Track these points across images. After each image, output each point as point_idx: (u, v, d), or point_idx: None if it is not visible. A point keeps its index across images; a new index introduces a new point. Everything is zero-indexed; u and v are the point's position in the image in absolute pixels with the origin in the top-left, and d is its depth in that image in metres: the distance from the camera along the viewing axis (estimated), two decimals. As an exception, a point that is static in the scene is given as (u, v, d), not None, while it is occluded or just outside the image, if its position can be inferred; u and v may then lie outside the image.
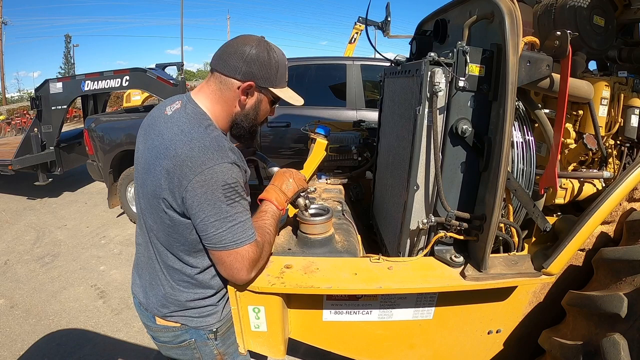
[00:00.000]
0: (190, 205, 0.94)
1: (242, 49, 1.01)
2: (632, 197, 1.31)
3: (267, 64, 1.03)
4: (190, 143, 0.95)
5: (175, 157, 0.94)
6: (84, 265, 3.57)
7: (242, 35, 1.06)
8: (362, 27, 8.45)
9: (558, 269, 1.17)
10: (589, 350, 1.05)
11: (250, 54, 1.01)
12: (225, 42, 1.07)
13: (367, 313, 1.24)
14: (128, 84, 4.54)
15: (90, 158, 4.50)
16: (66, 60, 37.00)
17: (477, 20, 1.17)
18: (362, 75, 4.01)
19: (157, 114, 1.08)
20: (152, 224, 1.06)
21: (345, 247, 1.31)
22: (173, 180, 0.95)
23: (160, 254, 1.08)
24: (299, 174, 1.29)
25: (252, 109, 1.09)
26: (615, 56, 1.79)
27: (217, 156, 0.94)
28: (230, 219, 0.95)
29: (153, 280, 1.12)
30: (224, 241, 0.96)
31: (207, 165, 0.92)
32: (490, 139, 1.10)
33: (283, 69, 1.09)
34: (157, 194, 0.99)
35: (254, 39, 1.04)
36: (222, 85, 1.04)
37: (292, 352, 2.13)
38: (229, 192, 0.95)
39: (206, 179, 0.92)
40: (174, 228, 1.02)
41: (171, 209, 0.98)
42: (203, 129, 0.99)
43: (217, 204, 0.94)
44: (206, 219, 0.94)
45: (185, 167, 0.93)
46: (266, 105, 1.12)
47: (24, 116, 12.96)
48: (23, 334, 2.59)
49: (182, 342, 1.16)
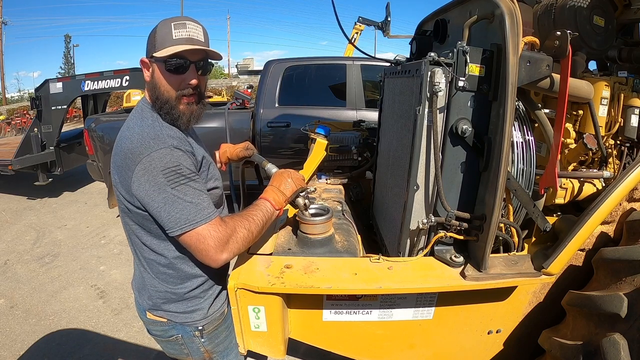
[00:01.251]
0: (139, 195, 0.98)
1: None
2: (632, 197, 1.31)
3: (151, 36, 1.05)
4: (131, 137, 1.00)
5: (121, 152, 1.00)
6: (84, 265, 3.57)
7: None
8: (362, 27, 8.43)
9: (558, 269, 1.17)
10: (589, 350, 1.05)
11: (149, 36, 1.06)
12: None
13: (367, 313, 1.24)
14: (128, 84, 4.55)
15: (90, 158, 4.50)
16: (66, 60, 37.01)
17: (477, 20, 1.17)
18: (362, 75, 4.02)
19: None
20: (122, 219, 1.13)
21: (345, 247, 1.31)
22: (122, 174, 1.00)
23: (135, 247, 1.13)
24: (297, 174, 1.28)
25: (151, 81, 1.08)
26: (615, 56, 1.78)
27: (153, 143, 0.97)
28: (178, 202, 0.95)
29: (138, 273, 1.18)
30: (178, 224, 0.96)
31: (145, 154, 0.95)
32: (490, 139, 1.10)
33: (164, 31, 1.02)
34: (115, 190, 1.07)
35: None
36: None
37: (292, 352, 2.13)
38: (171, 175, 0.95)
39: (146, 167, 0.95)
40: (136, 219, 1.07)
41: (126, 201, 1.04)
42: (145, 121, 1.04)
43: (162, 188, 0.95)
44: (156, 205, 0.96)
45: (127, 160, 0.97)
46: (160, 73, 1.04)
47: (24, 116, 12.97)
48: (23, 334, 2.60)
49: (170, 337, 1.19)
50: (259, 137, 3.86)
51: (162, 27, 1.03)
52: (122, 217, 1.12)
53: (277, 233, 1.41)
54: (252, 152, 1.51)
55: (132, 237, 1.12)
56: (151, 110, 1.07)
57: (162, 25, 1.03)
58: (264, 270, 1.16)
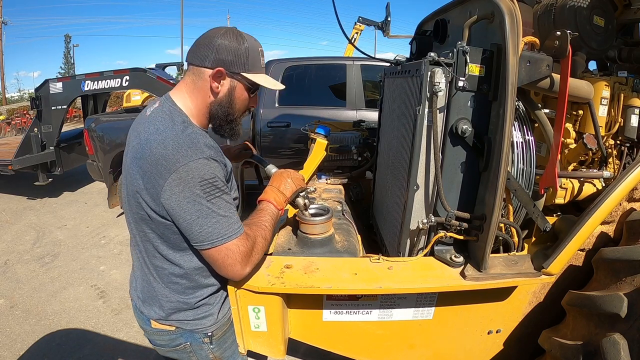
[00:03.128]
0: (169, 205, 0.93)
1: (210, 39, 1.02)
2: (632, 197, 1.31)
3: (237, 49, 1.02)
4: (164, 142, 0.94)
5: (150, 157, 0.93)
6: (84, 265, 3.57)
7: (213, 28, 1.07)
8: (362, 27, 8.43)
9: (558, 269, 1.16)
10: (589, 350, 1.05)
11: (218, 42, 1.01)
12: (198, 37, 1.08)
13: (367, 313, 1.24)
14: (128, 84, 4.55)
15: (90, 158, 4.50)
16: (66, 60, 36.99)
17: (477, 20, 1.17)
18: (362, 75, 4.02)
19: (140, 116, 1.09)
20: (135, 225, 1.06)
21: (345, 247, 1.31)
22: (150, 181, 0.94)
23: (147, 255, 1.07)
24: (297, 174, 1.28)
25: (225, 97, 1.07)
26: (615, 56, 1.79)
27: (191, 152, 0.93)
28: (212, 215, 0.94)
29: (145, 283, 1.11)
30: (210, 238, 0.94)
31: (182, 163, 0.91)
32: (490, 139, 1.10)
33: (255, 54, 1.06)
34: (136, 195, 0.98)
35: (222, 29, 1.05)
36: (195, 76, 1.04)
37: (292, 352, 2.13)
38: (207, 188, 0.93)
39: (182, 177, 0.91)
40: (156, 228, 1.01)
41: (149, 209, 0.97)
42: (177, 126, 0.98)
43: (197, 200, 0.92)
44: (188, 218, 0.93)
45: (160, 166, 0.92)
46: (242, 92, 1.08)
47: (24, 116, 12.95)
48: (23, 334, 2.60)
49: (177, 346, 1.15)
50: (259, 137, 3.86)
51: (252, 48, 1.05)
52: (136, 223, 1.05)
53: (277, 233, 1.41)
54: (251, 152, 1.51)
55: (146, 244, 1.06)
56: (181, 114, 1.02)
57: (252, 45, 1.05)
58: (263, 270, 1.16)
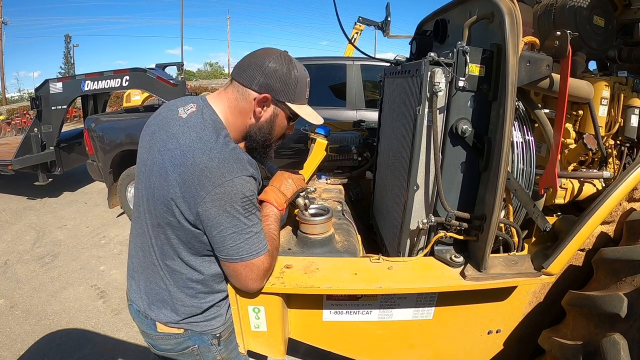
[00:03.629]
0: (206, 217, 0.93)
1: (261, 61, 1.01)
2: (632, 197, 1.30)
3: (286, 78, 1.02)
4: (210, 153, 0.93)
5: (194, 166, 0.92)
6: (84, 265, 3.57)
7: (265, 48, 1.06)
8: (362, 27, 8.43)
9: (558, 269, 1.16)
10: (589, 350, 1.05)
11: (269, 66, 1.00)
12: (248, 53, 1.07)
13: (367, 313, 1.24)
14: (128, 84, 4.54)
15: (90, 158, 4.50)
16: (66, 60, 37.01)
17: (477, 20, 1.17)
18: (362, 75, 4.02)
19: (169, 115, 1.05)
20: (154, 228, 1.03)
21: (345, 247, 1.31)
22: (189, 190, 0.92)
23: (164, 258, 1.05)
24: (297, 174, 1.28)
25: (266, 123, 1.08)
26: (615, 56, 1.78)
27: (236, 169, 0.93)
28: (247, 231, 0.96)
29: (155, 285, 1.09)
30: (240, 253, 0.96)
31: (227, 178, 0.91)
32: (490, 139, 1.10)
33: (303, 85, 1.07)
34: (168, 200, 0.96)
35: (275, 52, 1.04)
36: (239, 94, 1.03)
37: (292, 352, 2.13)
38: (247, 205, 0.95)
39: (226, 192, 0.91)
40: (183, 235, 1.00)
41: (182, 216, 0.96)
42: (221, 139, 0.97)
43: (236, 216, 0.93)
44: (224, 232, 0.94)
45: (203, 178, 0.91)
46: (282, 120, 1.10)
47: (24, 116, 12.94)
48: (23, 334, 2.59)
49: (184, 349, 1.13)
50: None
51: (301, 78, 1.06)
52: (157, 226, 1.02)
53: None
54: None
55: (165, 248, 1.03)
56: (223, 128, 1.01)
57: (301, 76, 1.06)
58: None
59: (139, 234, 1.10)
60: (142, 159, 1.07)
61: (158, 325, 1.11)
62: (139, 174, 1.09)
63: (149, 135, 1.07)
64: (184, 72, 5.22)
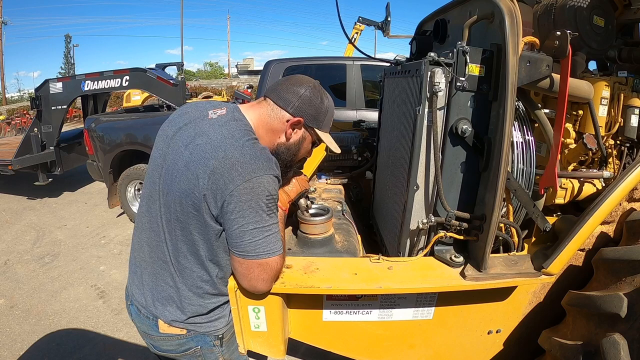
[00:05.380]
0: (231, 210, 0.93)
1: (298, 87, 1.10)
2: (632, 197, 1.31)
3: (319, 106, 1.11)
4: (242, 149, 0.96)
5: (225, 159, 0.94)
6: (84, 265, 3.57)
7: (299, 76, 1.17)
8: (362, 27, 8.43)
9: (558, 269, 1.16)
10: (589, 350, 1.05)
11: (305, 94, 1.09)
12: (281, 78, 1.15)
13: (367, 313, 1.24)
14: (128, 84, 4.55)
15: (90, 158, 4.50)
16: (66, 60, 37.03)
17: (477, 20, 1.17)
18: (362, 75, 4.02)
19: (197, 115, 1.07)
20: (174, 223, 1.02)
21: (345, 247, 1.31)
22: (218, 182, 0.93)
23: (177, 255, 1.04)
24: (301, 175, 1.29)
25: (294, 144, 1.14)
26: (615, 56, 1.78)
27: (267, 166, 0.96)
28: (267, 229, 0.97)
29: (162, 282, 1.07)
30: (257, 250, 0.96)
31: (257, 174, 0.93)
32: (490, 139, 1.10)
33: (330, 115, 1.16)
34: (193, 194, 0.95)
35: (310, 82, 1.13)
36: (273, 113, 1.09)
37: (292, 352, 2.13)
38: (270, 203, 0.96)
39: (254, 187, 0.93)
40: (203, 230, 1.00)
41: (206, 210, 0.96)
42: (252, 139, 1.01)
43: (259, 212, 0.95)
44: (245, 226, 0.94)
45: (234, 171, 0.93)
46: (308, 144, 1.18)
47: (24, 116, 12.93)
48: (23, 334, 2.60)
49: (187, 351, 1.13)
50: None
51: (330, 109, 1.16)
52: (175, 221, 1.01)
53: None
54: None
55: (180, 244, 1.02)
56: (253, 133, 1.05)
57: (330, 106, 1.16)
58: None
59: (147, 228, 1.09)
60: (162, 153, 1.07)
61: (160, 325, 1.09)
62: (154, 167, 1.08)
63: (173, 130, 1.07)
64: (184, 72, 5.22)
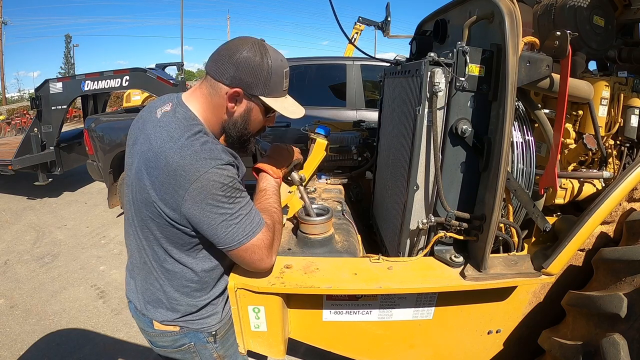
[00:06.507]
0: (191, 214, 0.92)
1: (233, 51, 0.95)
2: (632, 197, 1.31)
3: (258, 69, 0.96)
4: (181, 150, 0.91)
5: (167, 167, 0.90)
6: (84, 265, 3.57)
7: (239, 37, 1.00)
8: (362, 27, 8.43)
9: (558, 269, 1.16)
10: (589, 350, 1.05)
11: (240, 57, 0.94)
12: (222, 44, 1.02)
13: (367, 313, 1.24)
14: (128, 84, 4.55)
15: (90, 158, 4.50)
16: (66, 60, 37.04)
17: (477, 20, 1.17)
18: (362, 75, 4.01)
19: (147, 116, 1.04)
20: (143, 230, 1.03)
21: (345, 247, 1.31)
22: (167, 191, 0.91)
23: (157, 259, 1.05)
24: (292, 146, 1.29)
25: (240, 118, 1.03)
26: (615, 56, 1.79)
27: (209, 161, 0.91)
28: (235, 216, 0.95)
29: (150, 285, 1.09)
30: (236, 239, 0.95)
31: (202, 172, 0.89)
32: (490, 139, 1.10)
33: (278, 77, 1.00)
34: (148, 203, 0.96)
35: (249, 41, 0.97)
36: (212, 89, 0.99)
37: (292, 352, 2.13)
38: (228, 192, 0.93)
39: (203, 185, 0.90)
40: (171, 235, 1.00)
41: (166, 216, 0.96)
42: (192, 135, 0.94)
43: (219, 206, 0.92)
44: (213, 222, 0.93)
45: (178, 177, 0.90)
46: (258, 114, 1.04)
47: (24, 116, 12.94)
48: (23, 334, 2.60)
49: (181, 347, 1.14)
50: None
51: (276, 70, 0.98)
52: (146, 228, 1.02)
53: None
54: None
55: (156, 248, 1.03)
56: (197, 123, 0.98)
57: (275, 66, 0.98)
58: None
59: (131, 234, 1.11)
60: (126, 162, 1.08)
61: (155, 323, 1.12)
62: (126, 177, 1.08)
63: (131, 137, 1.07)
64: (184, 72, 5.22)
